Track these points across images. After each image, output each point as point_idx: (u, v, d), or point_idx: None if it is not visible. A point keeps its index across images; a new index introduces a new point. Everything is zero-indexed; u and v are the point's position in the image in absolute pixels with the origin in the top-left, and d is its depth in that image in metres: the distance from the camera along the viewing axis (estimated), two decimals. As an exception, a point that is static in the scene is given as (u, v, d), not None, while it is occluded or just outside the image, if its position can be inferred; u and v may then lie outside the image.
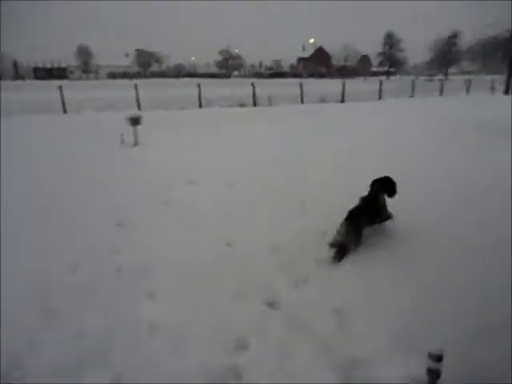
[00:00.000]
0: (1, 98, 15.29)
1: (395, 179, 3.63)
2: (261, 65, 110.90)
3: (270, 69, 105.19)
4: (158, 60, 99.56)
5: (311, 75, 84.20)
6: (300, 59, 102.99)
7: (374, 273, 2.99)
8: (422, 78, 63.27)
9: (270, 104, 18.35)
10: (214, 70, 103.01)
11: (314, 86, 25.85)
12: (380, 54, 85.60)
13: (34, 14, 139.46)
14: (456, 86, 26.54)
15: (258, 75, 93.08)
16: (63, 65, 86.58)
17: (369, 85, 28.80)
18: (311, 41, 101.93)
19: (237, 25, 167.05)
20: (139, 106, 15.42)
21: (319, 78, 78.40)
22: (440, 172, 5.72)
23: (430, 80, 53.76)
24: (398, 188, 3.62)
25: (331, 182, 5.27)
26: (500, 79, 29.36)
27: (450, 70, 77.99)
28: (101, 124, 11.44)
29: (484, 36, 59.46)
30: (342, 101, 19.83)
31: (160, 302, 2.74)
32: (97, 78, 79.37)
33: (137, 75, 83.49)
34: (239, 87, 27.46)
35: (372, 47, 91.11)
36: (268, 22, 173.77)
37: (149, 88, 22.47)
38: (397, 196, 3.59)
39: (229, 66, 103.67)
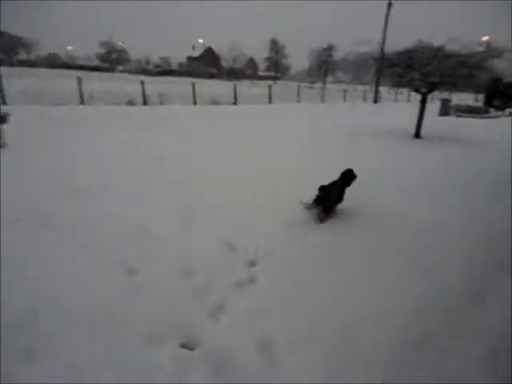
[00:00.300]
0: None
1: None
2: (148, 61, 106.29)
3: (158, 66, 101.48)
4: (28, 47, 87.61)
5: (201, 75, 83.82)
6: (190, 58, 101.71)
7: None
8: (303, 84, 68.35)
9: (162, 103, 17.47)
10: (96, 62, 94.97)
11: (205, 86, 25.61)
12: (266, 58, 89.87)
13: None
14: (334, 94, 29.22)
15: (146, 72, 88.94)
16: None
17: (257, 88, 29.80)
18: (200, 41, 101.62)
19: (123, 14, 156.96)
20: (4, 99, 13.08)
21: (209, 78, 78.57)
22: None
23: (311, 87, 58.41)
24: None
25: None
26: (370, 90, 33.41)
27: (327, 79, 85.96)
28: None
29: (357, 50, 67.35)
30: (235, 103, 19.99)
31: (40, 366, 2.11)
32: None
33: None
34: (127, 83, 25.76)
35: (258, 51, 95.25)
36: (157, 17, 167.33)
37: (15, 79, 19.39)
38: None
39: (112, 60, 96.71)
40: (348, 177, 4.28)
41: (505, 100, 25.12)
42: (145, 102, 16.48)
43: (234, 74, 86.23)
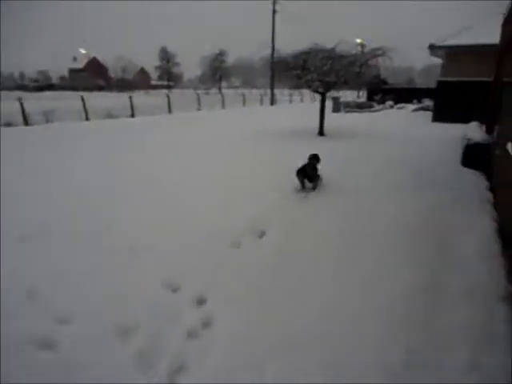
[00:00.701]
0: None
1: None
2: (22, 76, 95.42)
3: (36, 81, 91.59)
4: None
5: (87, 88, 77.82)
6: (72, 71, 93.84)
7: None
8: (200, 91, 68.03)
9: (48, 121, 15.51)
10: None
11: (95, 99, 23.71)
12: (158, 67, 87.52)
13: None
14: (232, 99, 29.38)
15: (22, 87, 79.56)
16: None
17: (153, 98, 28.57)
18: (83, 51, 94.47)
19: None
20: None
21: (97, 90, 73.62)
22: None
23: (207, 94, 58.44)
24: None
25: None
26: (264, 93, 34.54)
27: (221, 85, 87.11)
28: None
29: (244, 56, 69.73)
30: (132, 115, 18.75)
31: None
32: None
33: None
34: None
35: (148, 60, 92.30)
36: (19, 28, 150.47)
37: None
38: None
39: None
40: (315, 158, 5.80)
41: (382, 94, 28.11)
42: (26, 122, 14.42)
43: (124, 85, 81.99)
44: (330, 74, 10.61)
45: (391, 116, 19.06)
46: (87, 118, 16.67)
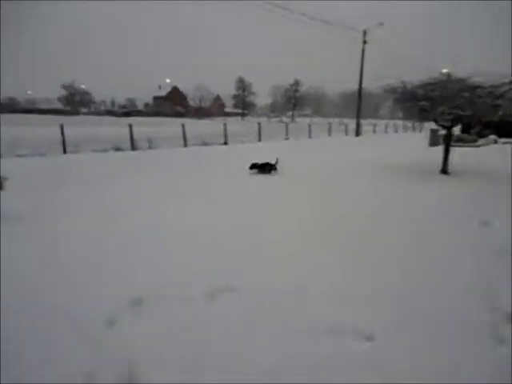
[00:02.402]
0: None
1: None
2: (113, 103, 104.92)
3: (124, 107, 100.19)
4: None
5: (167, 115, 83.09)
6: (156, 98, 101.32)
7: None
8: (275, 119, 69.13)
9: (150, 147, 16.07)
10: (58, 105, 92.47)
11: (178, 126, 24.59)
12: (234, 96, 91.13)
13: None
14: (315, 128, 28.83)
15: (111, 113, 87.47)
16: None
17: (233, 125, 28.91)
18: (167, 80, 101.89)
19: (83, 58, 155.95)
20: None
21: (177, 117, 78.25)
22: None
23: (281, 122, 58.96)
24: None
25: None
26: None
27: (289, 113, 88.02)
28: None
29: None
30: (225, 143, 18.91)
31: None
32: None
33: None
34: (100, 126, 24.25)
35: (223, 89, 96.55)
36: (120, 60, 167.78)
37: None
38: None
39: (75, 103, 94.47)
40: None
41: (482, 127, 25.65)
42: (133, 147, 15.02)
43: (201, 112, 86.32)
44: (464, 107, 9.48)
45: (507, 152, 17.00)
46: (185, 145, 17.03)
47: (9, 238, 4.42)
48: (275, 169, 9.72)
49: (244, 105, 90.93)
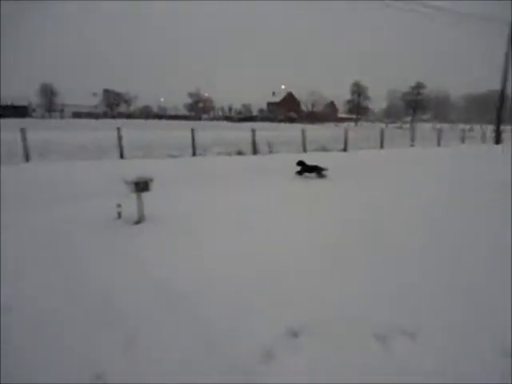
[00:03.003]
0: None
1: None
2: (230, 109, 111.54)
3: (240, 113, 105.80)
4: (127, 101, 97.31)
5: (281, 120, 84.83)
6: (270, 104, 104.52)
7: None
8: (390, 125, 64.96)
9: (271, 151, 16.18)
10: (183, 112, 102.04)
11: (296, 131, 24.42)
12: (348, 101, 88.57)
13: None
14: (443, 135, 25.83)
15: (228, 119, 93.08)
16: (25, 103, 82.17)
17: (352, 132, 27.52)
18: (283, 87, 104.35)
19: (207, 67, 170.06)
20: (122, 153, 12.63)
21: (289, 122, 79.26)
22: None
23: (400, 128, 54.94)
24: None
25: None
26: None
27: (407, 119, 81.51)
28: (78, 181, 8.61)
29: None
30: (345, 149, 18.07)
31: None
32: (61, 117, 75.51)
33: (103, 115, 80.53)
34: (221, 130, 25.56)
35: (336, 93, 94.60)
36: (238, 68, 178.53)
37: (115, 130, 19.83)
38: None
39: (198, 109, 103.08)
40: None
41: None
42: (255, 151, 15.29)
43: (313, 118, 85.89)
44: None
45: None
46: (304, 150, 16.73)
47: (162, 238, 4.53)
48: (323, 175, 9.37)
49: (358, 110, 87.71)
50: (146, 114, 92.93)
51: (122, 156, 12.46)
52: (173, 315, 2.84)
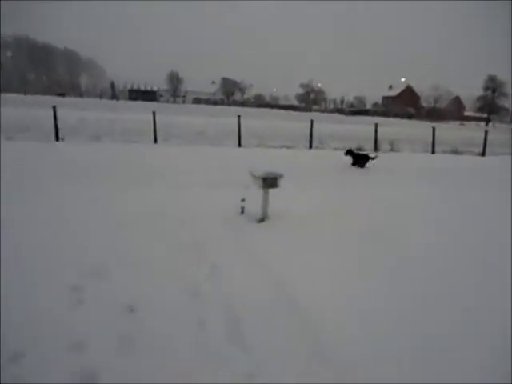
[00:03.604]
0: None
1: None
2: (342, 101, 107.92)
3: (352, 106, 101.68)
4: (241, 89, 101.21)
5: (396, 115, 78.83)
6: (386, 98, 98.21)
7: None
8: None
9: (392, 149, 14.73)
10: (293, 102, 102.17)
11: (417, 129, 21.95)
12: (479, 98, 78.12)
13: (132, 38, 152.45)
14: None
15: (339, 111, 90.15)
16: (154, 88, 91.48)
17: (475, 132, 23.59)
18: (403, 79, 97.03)
19: (319, 58, 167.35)
20: (240, 140, 12.66)
21: (406, 118, 73.35)
22: None
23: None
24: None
25: None
26: None
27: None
28: (198, 169, 8.70)
29: None
30: (483, 153, 15.55)
31: None
32: (184, 102, 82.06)
33: (220, 102, 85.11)
34: (334, 123, 24.41)
35: (464, 88, 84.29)
36: (353, 60, 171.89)
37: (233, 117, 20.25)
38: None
39: (309, 100, 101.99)
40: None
41: None
42: (376, 147, 14.04)
43: (434, 115, 77.78)
44: None
45: None
46: (433, 151, 14.82)
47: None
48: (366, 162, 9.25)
49: (491, 108, 76.69)
50: (259, 102, 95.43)
51: (239, 144, 12.49)
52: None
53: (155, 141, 12.09)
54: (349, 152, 9.37)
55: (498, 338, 2.45)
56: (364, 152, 9.93)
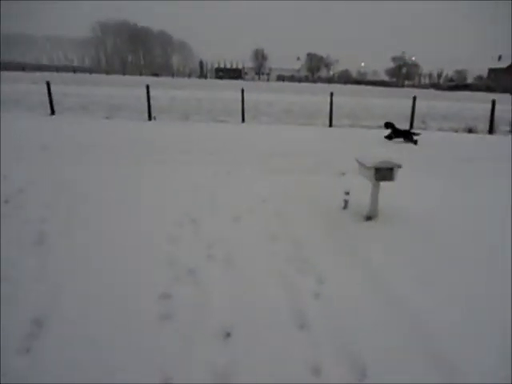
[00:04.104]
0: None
1: None
2: (440, 75, 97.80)
3: (451, 80, 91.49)
4: (327, 65, 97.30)
5: (505, 90, 68.73)
6: (492, 70, 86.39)
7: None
8: None
9: (512, 132, 12.47)
10: (383, 77, 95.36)
11: None
12: None
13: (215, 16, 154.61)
14: None
15: (435, 86, 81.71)
16: (239, 66, 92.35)
17: None
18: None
19: (414, 28, 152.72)
20: (331, 119, 11.69)
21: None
22: None
23: None
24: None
25: None
26: None
27: None
28: (289, 152, 8.08)
29: None
30: None
31: None
32: (268, 80, 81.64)
33: (304, 79, 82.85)
34: (431, 100, 21.76)
35: None
36: (455, 26, 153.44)
37: (319, 95, 18.96)
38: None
39: (400, 75, 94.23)
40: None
41: None
42: (491, 129, 11.99)
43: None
44: None
45: None
46: None
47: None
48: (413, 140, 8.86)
49: None
50: (345, 78, 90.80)
51: (330, 124, 11.54)
52: None
53: (243, 120, 11.72)
54: (388, 125, 9.12)
55: None
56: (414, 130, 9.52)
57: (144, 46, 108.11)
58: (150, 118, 11.51)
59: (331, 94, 11.47)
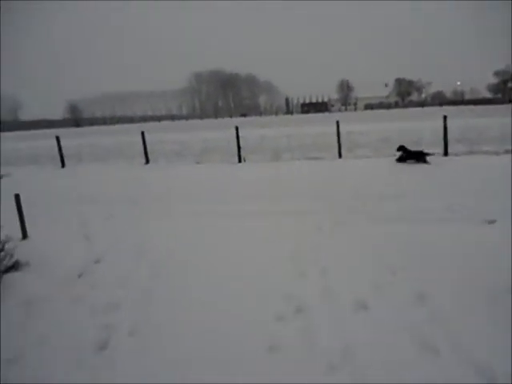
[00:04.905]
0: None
1: None
2: None
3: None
4: (418, 89, 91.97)
5: None
6: None
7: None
8: None
9: None
10: (484, 94, 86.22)
11: None
12: None
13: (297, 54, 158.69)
14: None
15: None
16: (325, 99, 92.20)
17: None
18: None
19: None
20: (447, 147, 9.93)
21: None
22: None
23: None
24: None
25: None
26: None
27: None
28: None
29: None
30: None
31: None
32: (355, 110, 79.77)
33: (394, 105, 79.09)
34: None
35: None
36: None
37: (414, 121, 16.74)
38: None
39: (506, 89, 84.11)
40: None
41: None
42: None
43: None
44: None
45: None
46: None
47: None
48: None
49: None
50: (439, 99, 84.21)
51: (446, 152, 9.80)
52: None
53: (340, 155, 10.62)
54: (400, 148, 9.10)
55: None
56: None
57: (233, 90, 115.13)
58: (239, 160, 11.12)
59: (445, 118, 9.79)
